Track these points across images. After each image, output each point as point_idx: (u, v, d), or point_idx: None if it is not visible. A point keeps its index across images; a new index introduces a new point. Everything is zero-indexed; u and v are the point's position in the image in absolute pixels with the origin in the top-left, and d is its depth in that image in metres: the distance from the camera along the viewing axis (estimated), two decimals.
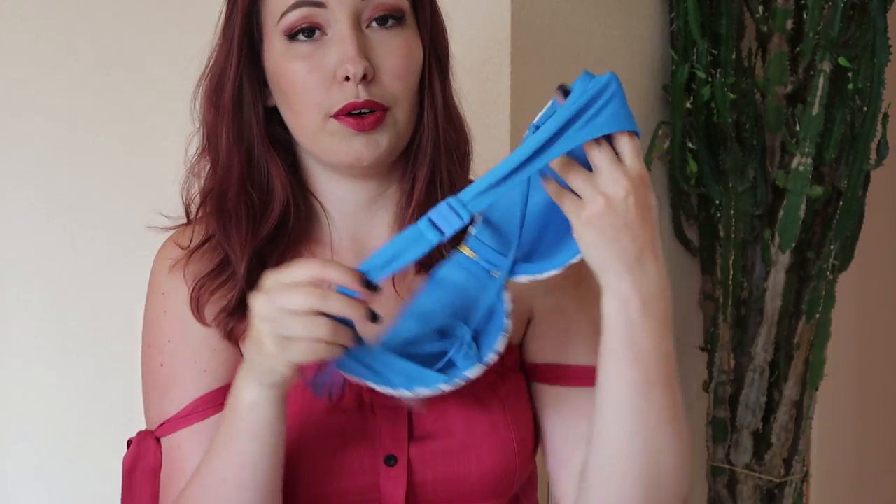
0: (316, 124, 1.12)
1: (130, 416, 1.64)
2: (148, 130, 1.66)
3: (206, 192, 1.19)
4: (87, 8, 1.65)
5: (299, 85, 1.11)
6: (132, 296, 1.66)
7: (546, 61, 1.73)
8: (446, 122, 1.17)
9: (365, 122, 1.10)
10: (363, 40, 1.10)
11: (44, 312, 1.67)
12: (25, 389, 1.68)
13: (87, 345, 1.67)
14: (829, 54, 1.93)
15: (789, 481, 2.10)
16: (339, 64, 1.09)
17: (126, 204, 1.66)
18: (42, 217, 1.66)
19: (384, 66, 1.11)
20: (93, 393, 1.68)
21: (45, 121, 1.65)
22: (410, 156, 1.17)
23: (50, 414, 1.68)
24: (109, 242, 1.67)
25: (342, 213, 1.20)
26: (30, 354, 1.67)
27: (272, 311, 0.97)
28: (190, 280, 1.17)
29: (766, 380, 2.07)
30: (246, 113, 1.16)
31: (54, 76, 1.65)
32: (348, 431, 1.12)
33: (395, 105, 1.12)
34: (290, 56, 1.12)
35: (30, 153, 1.65)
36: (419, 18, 1.16)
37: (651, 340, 1.02)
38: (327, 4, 1.10)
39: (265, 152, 1.16)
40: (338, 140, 1.11)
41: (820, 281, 2.04)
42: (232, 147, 1.16)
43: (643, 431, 1.03)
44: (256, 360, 1.01)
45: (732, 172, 2.01)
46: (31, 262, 1.67)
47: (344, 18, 1.10)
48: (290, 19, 1.11)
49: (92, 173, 1.66)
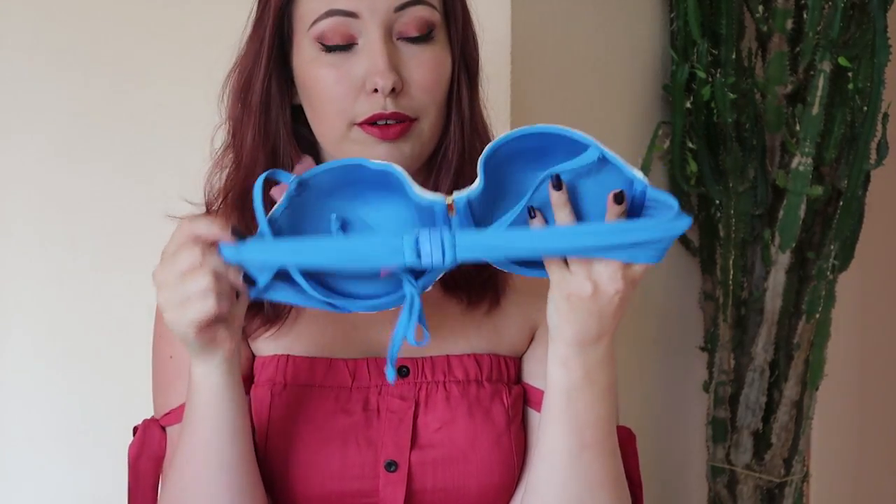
0: (340, 131, 1.12)
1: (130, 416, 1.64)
2: (148, 130, 1.66)
3: (229, 188, 1.19)
4: (87, 8, 1.65)
5: (326, 92, 1.11)
6: (132, 296, 1.66)
7: (546, 61, 1.73)
8: (472, 133, 1.17)
9: (389, 131, 1.10)
10: (393, 52, 1.10)
11: (44, 313, 1.67)
12: (25, 389, 1.68)
13: (87, 345, 1.67)
14: (829, 54, 1.93)
15: (789, 481, 2.10)
16: (369, 75, 1.09)
17: (126, 204, 1.66)
18: (41, 218, 1.66)
19: (413, 78, 1.11)
20: (92, 393, 1.68)
21: (44, 121, 1.65)
22: (435, 164, 1.17)
23: (49, 414, 1.68)
24: (109, 243, 1.67)
25: None
26: (29, 355, 1.67)
27: (165, 278, 0.99)
28: None
29: (766, 380, 2.07)
30: (274, 113, 1.16)
31: (54, 76, 1.65)
32: (351, 434, 1.12)
33: (421, 116, 1.12)
34: (318, 62, 1.11)
35: (30, 153, 1.65)
36: (450, 30, 1.16)
37: (588, 407, 1.06)
38: (360, 15, 1.10)
39: (291, 153, 1.16)
40: (360, 147, 1.11)
41: (820, 281, 2.04)
42: (258, 146, 1.16)
43: (575, 491, 1.07)
44: (175, 334, 1.02)
45: (732, 172, 2.01)
46: (30, 263, 1.67)
47: (375, 30, 1.10)
48: (322, 27, 1.11)
49: (92, 174, 1.66)
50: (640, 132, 1.97)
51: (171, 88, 1.65)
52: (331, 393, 1.14)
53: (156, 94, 1.65)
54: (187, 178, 1.65)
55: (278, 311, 1.16)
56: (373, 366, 1.15)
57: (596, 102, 1.86)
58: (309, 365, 1.15)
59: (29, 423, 1.68)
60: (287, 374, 1.15)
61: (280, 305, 1.16)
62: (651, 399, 2.09)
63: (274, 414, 1.13)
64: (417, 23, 1.11)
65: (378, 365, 1.15)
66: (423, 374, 1.16)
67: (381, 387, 1.14)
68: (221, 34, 1.63)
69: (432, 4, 1.13)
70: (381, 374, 1.15)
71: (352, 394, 1.14)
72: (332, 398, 1.13)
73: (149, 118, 1.66)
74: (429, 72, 1.12)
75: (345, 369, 1.15)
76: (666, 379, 2.12)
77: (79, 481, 1.69)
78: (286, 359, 1.16)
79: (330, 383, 1.14)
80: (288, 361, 1.15)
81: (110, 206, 1.66)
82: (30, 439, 1.68)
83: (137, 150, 1.66)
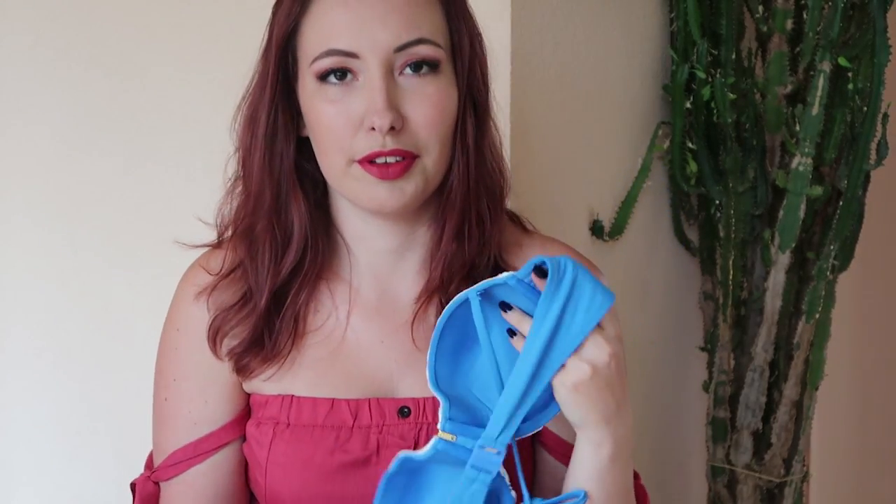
0: (340, 167, 1.12)
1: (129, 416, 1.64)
2: (148, 131, 1.66)
3: (239, 220, 1.19)
4: (86, 8, 1.65)
5: (326, 127, 1.11)
6: (132, 296, 1.66)
7: (546, 61, 1.73)
8: (479, 167, 1.16)
9: (390, 170, 1.10)
10: (394, 89, 1.09)
11: (44, 313, 1.67)
12: (25, 390, 1.68)
13: (87, 345, 1.67)
14: (829, 54, 1.93)
15: (789, 481, 2.10)
16: (367, 114, 1.09)
17: (126, 204, 1.66)
18: (42, 218, 1.66)
19: (415, 114, 1.10)
20: (92, 393, 1.68)
21: (45, 121, 1.65)
22: (442, 199, 1.17)
23: (49, 414, 1.68)
24: (109, 243, 1.66)
25: (368, 251, 1.20)
26: (29, 355, 1.67)
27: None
28: (213, 309, 1.18)
29: (766, 380, 2.07)
30: (279, 146, 1.16)
31: (54, 76, 1.64)
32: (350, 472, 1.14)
33: (424, 153, 1.11)
34: (319, 97, 1.11)
35: (30, 153, 1.65)
36: (456, 65, 1.15)
37: (617, 482, 1.08)
38: (360, 55, 1.09)
39: (290, 188, 1.16)
40: (361, 185, 1.11)
41: (820, 281, 2.04)
42: (265, 179, 1.16)
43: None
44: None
45: (732, 172, 2.01)
46: (31, 263, 1.67)
47: (376, 68, 1.09)
48: (323, 64, 1.11)
49: (92, 174, 1.66)
50: (640, 132, 1.97)
51: (171, 88, 1.65)
52: (332, 433, 1.15)
53: (156, 94, 1.65)
54: (187, 179, 1.66)
55: (277, 349, 1.17)
56: (375, 406, 1.16)
57: (596, 102, 1.86)
58: (312, 405, 1.16)
59: (29, 423, 1.68)
60: (290, 414, 1.16)
61: (280, 343, 1.17)
62: (651, 399, 2.09)
63: (274, 450, 1.15)
64: (419, 59, 1.10)
65: (380, 405, 1.16)
66: (423, 414, 1.16)
67: (382, 426, 1.15)
68: (221, 34, 1.64)
69: (436, 42, 1.11)
70: (383, 413, 1.16)
71: (352, 433, 1.15)
72: (333, 437, 1.15)
73: (149, 118, 1.66)
74: (431, 107, 1.10)
75: (346, 409, 1.16)
76: (666, 379, 2.12)
77: (79, 481, 1.69)
78: (290, 399, 1.17)
79: (331, 423, 1.15)
80: (292, 403, 1.16)
81: (110, 206, 1.66)
82: (30, 439, 1.68)
83: (137, 150, 1.66)
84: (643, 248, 2.01)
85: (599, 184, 1.91)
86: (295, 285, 1.17)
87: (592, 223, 1.89)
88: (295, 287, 1.17)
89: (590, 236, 1.88)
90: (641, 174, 1.95)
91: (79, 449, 1.68)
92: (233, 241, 1.20)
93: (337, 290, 1.20)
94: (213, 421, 1.19)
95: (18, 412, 1.68)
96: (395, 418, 1.15)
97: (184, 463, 1.19)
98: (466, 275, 1.17)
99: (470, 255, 1.17)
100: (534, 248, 1.23)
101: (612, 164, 1.92)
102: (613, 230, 1.91)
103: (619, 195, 1.93)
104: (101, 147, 1.66)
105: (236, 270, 1.19)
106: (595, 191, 1.90)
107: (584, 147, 1.85)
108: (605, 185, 1.92)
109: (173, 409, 1.20)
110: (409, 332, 1.17)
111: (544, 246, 1.25)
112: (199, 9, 1.64)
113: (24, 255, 1.66)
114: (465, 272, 1.17)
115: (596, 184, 1.90)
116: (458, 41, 1.15)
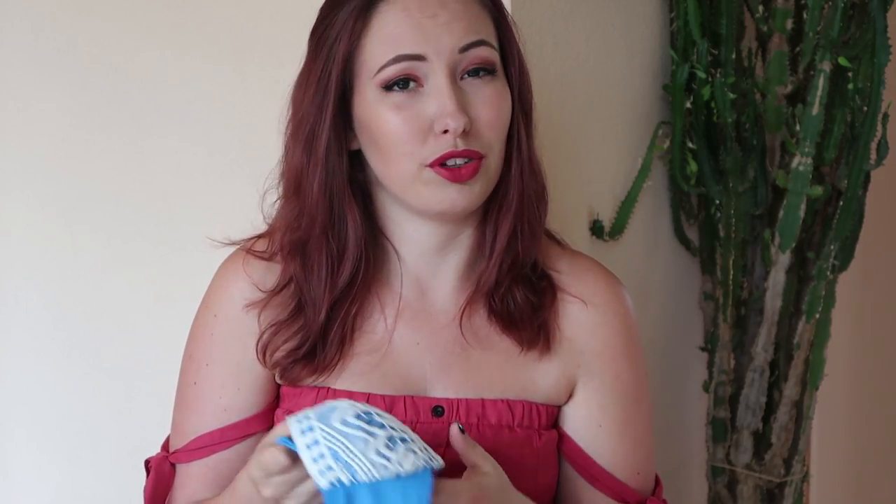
0: (410, 173, 1.14)
1: (130, 416, 1.64)
2: (148, 130, 1.66)
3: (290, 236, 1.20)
4: (86, 8, 1.65)
5: (393, 135, 1.13)
6: (132, 296, 1.66)
7: (546, 61, 1.73)
8: (530, 173, 1.20)
9: (462, 172, 1.12)
10: (460, 93, 1.13)
11: (44, 312, 1.67)
12: (25, 390, 1.68)
13: (87, 345, 1.67)
14: (829, 54, 1.93)
15: (789, 481, 2.10)
16: (438, 117, 1.11)
17: (126, 204, 1.66)
18: (42, 217, 1.66)
19: (479, 116, 1.14)
20: (93, 393, 1.68)
21: (45, 121, 1.65)
22: (494, 204, 1.20)
23: (50, 414, 1.68)
24: (109, 242, 1.66)
25: (414, 255, 1.22)
26: (30, 355, 1.67)
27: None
28: (264, 324, 1.20)
29: (766, 380, 2.07)
30: (335, 163, 1.17)
31: (54, 76, 1.64)
32: None
33: (489, 153, 1.14)
34: (384, 106, 1.13)
35: (30, 153, 1.65)
36: (508, 72, 1.19)
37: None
38: (427, 57, 1.12)
39: (346, 201, 1.18)
40: (431, 189, 1.13)
41: (820, 281, 2.04)
42: (321, 195, 1.17)
43: None
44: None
45: (732, 172, 2.01)
46: (31, 262, 1.67)
47: (442, 71, 1.12)
48: (390, 72, 1.13)
49: (92, 173, 1.66)
50: (640, 132, 1.97)
51: (171, 88, 1.65)
52: None
53: (156, 94, 1.65)
54: (188, 179, 1.66)
55: (327, 361, 1.19)
56: (409, 403, 1.18)
57: (596, 102, 1.86)
58: (347, 398, 1.17)
59: (29, 423, 1.68)
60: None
61: (329, 355, 1.19)
62: (651, 399, 2.09)
63: None
64: (481, 61, 1.14)
65: (414, 403, 1.18)
66: (457, 414, 1.18)
67: (415, 424, 1.17)
68: (221, 34, 1.64)
69: (493, 45, 1.16)
70: (417, 411, 1.18)
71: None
72: None
73: (149, 118, 1.66)
74: (493, 108, 1.14)
75: (381, 404, 1.17)
76: (666, 379, 2.11)
77: (79, 481, 1.69)
78: (326, 391, 1.19)
79: None
80: (328, 394, 1.18)
81: (110, 206, 1.66)
82: (30, 439, 1.68)
83: (137, 150, 1.66)
84: (643, 248, 2.01)
85: (599, 184, 1.91)
86: (349, 297, 1.19)
87: (592, 223, 1.89)
88: (349, 299, 1.19)
89: (590, 236, 1.88)
90: (641, 174, 1.95)
91: (79, 449, 1.68)
92: (282, 255, 1.21)
93: (386, 296, 1.22)
94: (244, 409, 1.21)
95: (18, 412, 1.68)
96: (428, 416, 1.17)
97: (208, 448, 1.20)
98: (515, 277, 1.20)
99: (521, 257, 1.20)
100: (562, 261, 1.27)
101: (612, 164, 1.92)
102: (613, 230, 1.91)
103: (619, 195, 1.93)
104: (100, 146, 1.66)
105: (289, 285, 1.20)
106: (595, 191, 1.90)
107: (584, 147, 1.85)
108: (605, 185, 1.92)
109: (202, 393, 1.21)
110: (448, 333, 1.20)
111: (572, 260, 1.28)
112: (198, 9, 1.64)
113: (25, 254, 1.66)
114: (515, 274, 1.20)
115: (596, 184, 1.90)
116: (508, 49, 1.20)
